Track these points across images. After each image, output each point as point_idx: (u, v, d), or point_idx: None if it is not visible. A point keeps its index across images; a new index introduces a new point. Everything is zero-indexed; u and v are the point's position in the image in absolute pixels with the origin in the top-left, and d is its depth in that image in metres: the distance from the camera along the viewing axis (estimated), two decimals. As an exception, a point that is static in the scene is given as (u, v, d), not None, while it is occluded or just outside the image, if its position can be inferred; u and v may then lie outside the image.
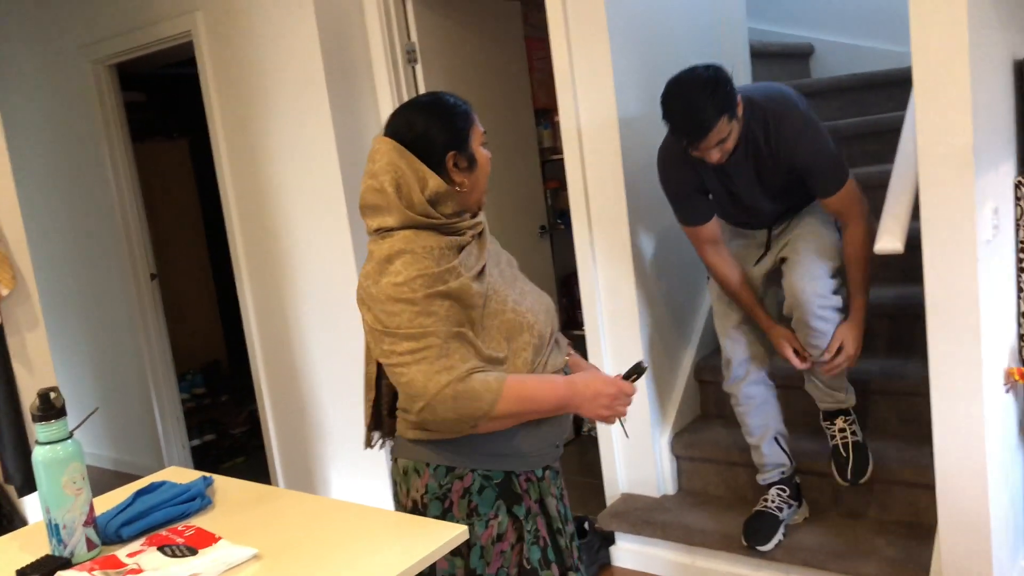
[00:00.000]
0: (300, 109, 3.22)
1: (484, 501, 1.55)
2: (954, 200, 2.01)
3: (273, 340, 3.61)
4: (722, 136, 2.20)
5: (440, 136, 1.52)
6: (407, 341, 1.43)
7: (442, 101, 1.56)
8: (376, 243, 1.51)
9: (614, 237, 2.84)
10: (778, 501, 2.58)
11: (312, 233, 3.33)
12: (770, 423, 2.60)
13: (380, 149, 1.52)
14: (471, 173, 1.55)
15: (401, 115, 1.56)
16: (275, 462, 3.78)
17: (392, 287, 1.44)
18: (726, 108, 2.18)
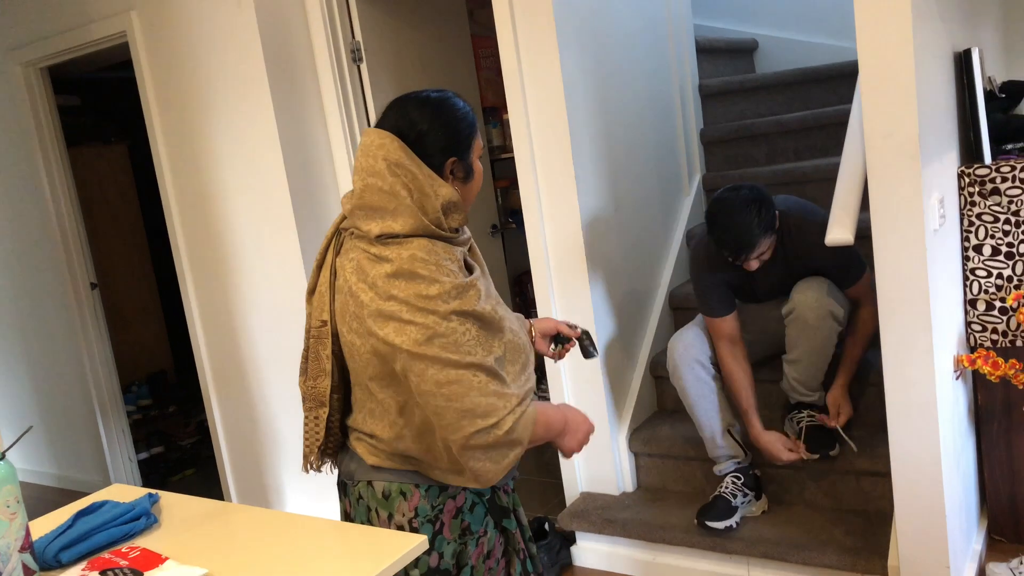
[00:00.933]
0: (243, 110, 3.14)
1: (475, 519, 1.51)
2: (902, 190, 2.03)
3: (221, 348, 3.52)
4: (763, 251, 2.44)
5: (443, 139, 1.42)
6: (462, 358, 1.33)
7: (452, 102, 1.47)
8: (379, 249, 1.38)
9: (567, 235, 2.82)
10: (732, 488, 2.60)
11: (258, 237, 3.25)
12: (722, 415, 2.63)
13: (381, 145, 1.38)
14: (465, 184, 1.48)
15: (403, 108, 1.44)
16: (226, 474, 3.68)
17: (427, 300, 1.33)
18: (769, 227, 2.42)
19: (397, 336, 1.33)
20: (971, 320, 2.44)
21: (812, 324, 2.50)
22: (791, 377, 2.61)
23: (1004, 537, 2.55)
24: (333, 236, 1.51)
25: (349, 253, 1.45)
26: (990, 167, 2.36)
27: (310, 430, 1.51)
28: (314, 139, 3.21)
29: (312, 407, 1.50)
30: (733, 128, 3.60)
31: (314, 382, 1.49)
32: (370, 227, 1.39)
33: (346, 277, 1.43)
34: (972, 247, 2.42)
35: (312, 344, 1.49)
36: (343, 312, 1.43)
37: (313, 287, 1.52)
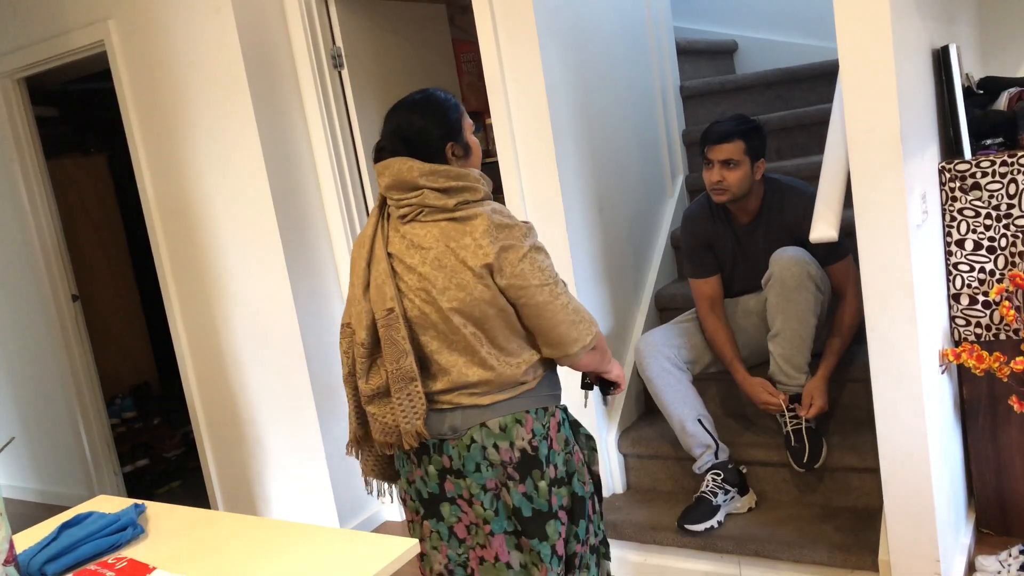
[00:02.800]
0: (223, 119, 3.12)
1: (569, 432, 1.79)
2: (884, 186, 2.04)
3: (205, 359, 3.49)
4: (732, 156, 2.56)
5: (438, 129, 1.70)
6: (560, 286, 1.70)
7: (434, 97, 1.74)
8: (463, 212, 1.66)
9: (553, 239, 2.82)
10: (712, 485, 2.60)
11: (241, 246, 3.22)
12: (690, 404, 2.64)
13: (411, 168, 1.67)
14: (466, 160, 1.74)
15: (399, 115, 1.74)
16: (213, 484, 3.65)
17: (523, 237, 1.68)
18: (747, 139, 2.56)
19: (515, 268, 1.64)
20: (955, 315, 2.46)
21: (790, 285, 2.50)
22: (777, 356, 2.58)
23: (992, 530, 2.56)
24: (376, 231, 1.72)
25: (416, 231, 1.67)
26: (970, 162, 2.38)
27: (407, 407, 1.65)
28: (296, 146, 3.20)
29: (402, 386, 1.65)
30: (715, 129, 3.60)
31: (396, 364, 1.64)
32: (445, 202, 1.65)
33: (427, 247, 1.64)
34: (954, 242, 2.43)
35: (383, 333, 1.65)
36: (430, 280, 1.64)
37: (367, 283, 1.70)
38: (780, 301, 2.53)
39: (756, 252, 2.71)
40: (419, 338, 1.69)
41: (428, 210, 1.67)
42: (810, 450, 2.52)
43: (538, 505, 1.70)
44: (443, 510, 1.76)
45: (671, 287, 3.30)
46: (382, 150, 1.74)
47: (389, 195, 1.72)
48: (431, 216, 1.68)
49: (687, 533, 2.54)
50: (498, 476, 1.70)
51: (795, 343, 2.54)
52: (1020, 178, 2.35)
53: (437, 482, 1.75)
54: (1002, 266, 2.40)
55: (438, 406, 1.71)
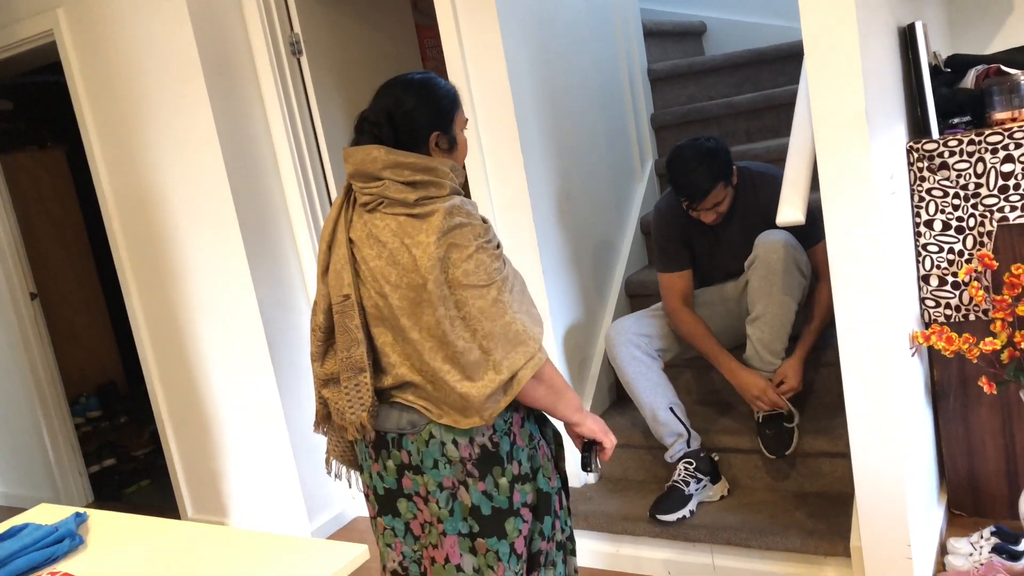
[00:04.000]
0: (178, 109, 3.03)
1: (533, 426, 1.72)
2: (851, 167, 2.00)
3: (168, 356, 3.41)
4: (718, 200, 2.52)
5: (426, 115, 1.62)
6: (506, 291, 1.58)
7: (433, 82, 1.66)
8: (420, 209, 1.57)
9: (519, 228, 2.76)
10: (684, 474, 2.56)
11: (201, 239, 3.14)
12: (661, 392, 2.60)
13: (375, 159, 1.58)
14: (450, 154, 1.66)
15: (393, 92, 1.65)
16: (180, 483, 3.58)
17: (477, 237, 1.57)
18: (722, 176, 2.50)
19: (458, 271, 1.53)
20: (924, 296, 2.43)
21: (776, 268, 2.47)
22: (755, 340, 2.53)
23: (964, 511, 2.55)
24: (339, 214, 1.65)
25: (376, 221, 1.59)
26: (938, 142, 2.34)
27: (354, 397, 1.61)
28: (254, 136, 3.12)
29: (351, 376, 1.61)
30: (684, 112, 3.56)
31: (347, 352, 1.60)
32: (406, 195, 1.56)
33: (384, 241, 1.57)
34: (923, 222, 2.40)
35: (338, 319, 1.61)
36: (384, 274, 1.56)
37: (326, 267, 1.65)
38: (764, 284, 2.49)
39: (733, 241, 2.67)
40: (373, 329, 1.63)
41: (388, 202, 1.61)
42: (782, 436, 2.49)
43: (498, 503, 1.65)
44: (400, 506, 1.72)
45: (641, 274, 3.26)
46: (361, 123, 1.66)
47: (353, 182, 1.66)
48: (391, 208, 1.61)
49: (659, 523, 2.51)
50: (456, 474, 1.64)
51: (775, 328, 2.50)
52: (988, 157, 2.32)
53: (395, 477, 1.70)
54: (971, 246, 2.38)
55: (395, 399, 1.66)
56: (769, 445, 2.49)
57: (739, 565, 2.48)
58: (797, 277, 2.47)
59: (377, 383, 1.64)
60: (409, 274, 1.55)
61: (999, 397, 2.43)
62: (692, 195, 2.50)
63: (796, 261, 2.46)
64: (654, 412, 2.58)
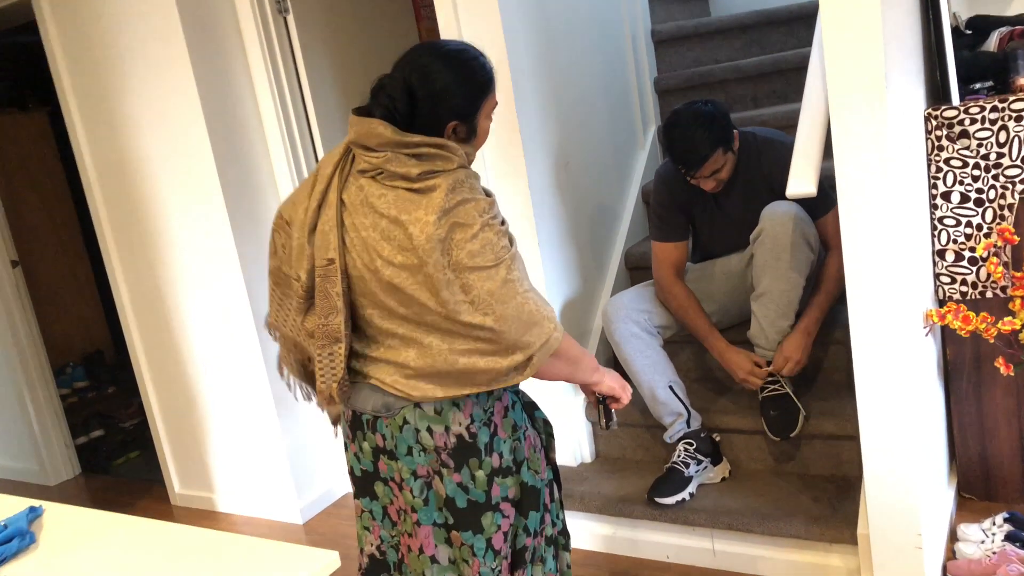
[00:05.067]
0: (158, 70, 2.89)
1: (518, 416, 1.60)
2: (867, 136, 1.87)
3: (152, 327, 3.30)
4: (716, 167, 2.38)
5: (454, 100, 1.47)
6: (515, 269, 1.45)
7: (471, 60, 1.49)
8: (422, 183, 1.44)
9: (514, 196, 2.64)
10: (684, 456, 2.47)
11: (184, 207, 3.02)
12: (660, 370, 2.49)
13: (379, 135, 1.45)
14: (467, 143, 1.52)
15: (420, 62, 1.48)
16: (166, 458, 3.49)
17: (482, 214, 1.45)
18: (721, 141, 2.35)
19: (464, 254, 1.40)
20: (939, 272, 2.31)
21: (783, 243, 2.33)
22: (760, 317, 2.41)
23: (974, 495, 2.46)
24: (334, 174, 1.51)
25: (373, 189, 1.47)
26: (958, 108, 2.21)
27: (326, 367, 1.52)
28: (238, 98, 2.97)
29: (325, 344, 1.51)
30: (688, 76, 3.42)
31: (325, 320, 1.50)
32: (408, 169, 1.43)
33: (380, 212, 1.44)
34: (940, 195, 2.28)
35: (319, 283, 1.50)
36: (376, 248, 1.44)
37: (313, 225, 1.51)
38: (770, 259, 2.36)
39: (736, 211, 2.55)
40: (359, 298, 1.52)
41: (389, 174, 1.46)
42: (786, 417, 2.38)
43: (474, 496, 1.54)
44: (377, 489, 1.62)
45: (642, 245, 3.14)
46: (378, 90, 1.50)
47: (353, 147, 1.52)
48: (391, 180, 1.46)
49: (657, 506, 2.42)
50: (431, 463, 1.53)
51: (781, 305, 2.38)
52: (1011, 125, 2.19)
53: (371, 459, 1.61)
54: (990, 220, 2.25)
55: (372, 380, 1.56)
56: (773, 426, 2.39)
57: (740, 551, 2.39)
58: (806, 252, 2.35)
59: (358, 353, 1.55)
60: (403, 252, 1.43)
61: (1015, 378, 2.33)
62: (689, 162, 2.37)
63: (804, 235, 2.34)
64: (652, 391, 2.48)
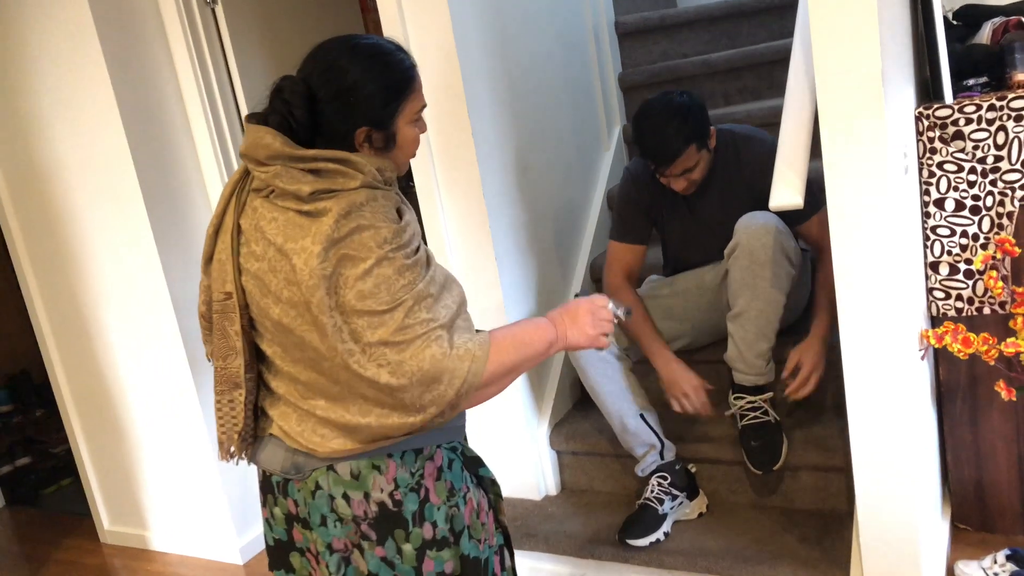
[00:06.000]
0: (70, 71, 2.59)
1: (456, 476, 1.37)
2: (862, 142, 1.66)
3: (73, 349, 3.00)
4: (689, 165, 2.17)
5: (362, 102, 1.25)
6: (420, 310, 1.20)
7: (383, 57, 1.27)
8: (313, 205, 1.22)
9: (467, 204, 2.39)
10: (657, 491, 2.26)
11: (103, 218, 2.72)
12: (628, 398, 2.27)
13: (267, 146, 1.23)
14: (384, 153, 1.30)
15: (324, 58, 1.27)
16: (94, 492, 3.19)
17: (379, 246, 1.21)
18: (695, 137, 2.15)
19: (352, 296, 1.18)
20: (932, 286, 2.11)
21: (760, 259, 2.11)
22: (737, 339, 2.17)
23: (969, 525, 2.27)
24: (232, 195, 1.32)
25: (264, 212, 1.26)
26: (952, 107, 2.00)
27: (225, 415, 1.34)
28: (162, 98, 2.68)
29: (225, 390, 1.33)
30: (655, 71, 3.19)
31: (223, 362, 1.32)
32: (299, 186, 1.21)
33: (269, 239, 1.24)
34: (933, 202, 2.08)
35: (217, 320, 1.32)
36: (264, 280, 1.25)
37: (210, 255, 1.34)
38: (746, 276, 2.13)
39: (711, 216, 2.33)
40: (259, 338, 1.33)
41: (279, 192, 1.25)
42: (768, 448, 2.18)
43: (402, 572, 1.32)
44: (294, 560, 1.40)
45: (608, 254, 2.91)
46: (275, 94, 1.27)
47: (244, 160, 1.30)
48: (282, 200, 1.25)
49: (629, 548, 2.19)
50: (349, 535, 1.30)
51: (760, 325, 2.15)
52: (1010, 125, 1.99)
53: (284, 527, 1.38)
54: (987, 229, 2.06)
55: (274, 431, 1.34)
56: (755, 458, 2.18)
57: (720, 595, 2.18)
58: (785, 267, 2.13)
59: (263, 399, 1.36)
60: (289, 287, 1.22)
61: (1014, 400, 2.14)
62: (659, 158, 2.16)
63: (784, 249, 2.12)
64: (622, 420, 2.26)
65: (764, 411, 2.19)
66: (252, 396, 1.34)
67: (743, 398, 2.21)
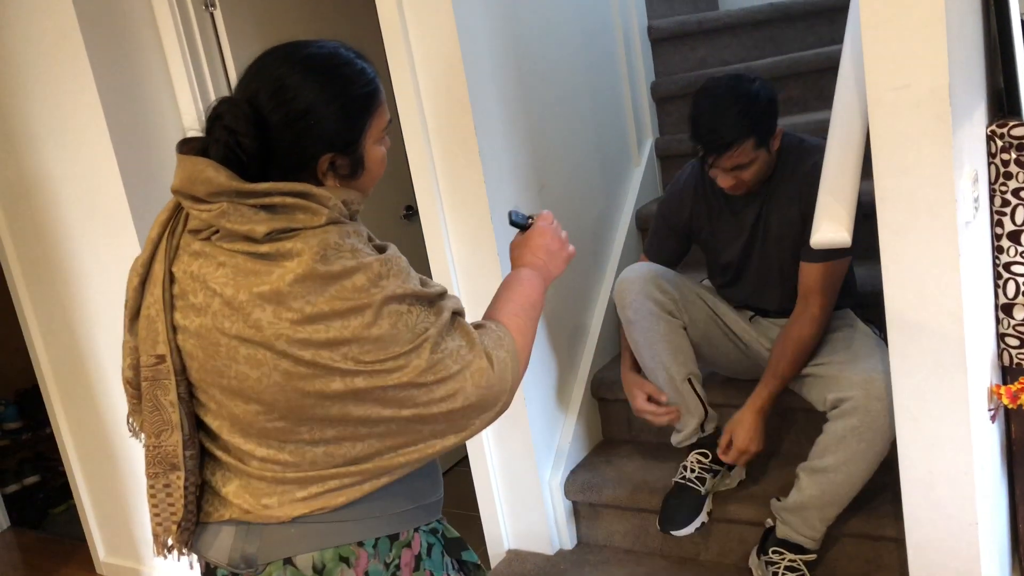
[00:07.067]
0: (57, 81, 2.43)
1: (436, 564, 1.19)
2: (923, 167, 1.40)
3: (67, 370, 2.86)
4: (742, 161, 1.89)
5: (322, 126, 1.07)
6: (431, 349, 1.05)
7: (341, 69, 1.09)
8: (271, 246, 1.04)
9: (473, 228, 2.16)
10: (699, 471, 2.03)
11: (91, 236, 2.56)
12: (680, 359, 2.06)
13: (206, 180, 1.03)
14: (353, 180, 1.12)
15: (271, 73, 1.07)
16: (90, 523, 3.04)
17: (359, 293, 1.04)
18: (756, 130, 1.87)
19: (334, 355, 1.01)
20: (1004, 332, 1.82)
21: (875, 423, 1.77)
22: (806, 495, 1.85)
23: (1043, 601, 1.97)
24: (161, 238, 1.12)
25: (206, 258, 1.07)
26: (1030, 125, 1.72)
27: (161, 502, 1.14)
28: (155, 108, 2.51)
29: (159, 472, 1.13)
30: (692, 79, 2.93)
31: (157, 439, 1.12)
32: (252, 226, 1.02)
33: (213, 290, 1.05)
34: (1007, 234, 1.78)
35: (147, 388, 1.11)
36: (210, 339, 1.05)
37: (136, 310, 1.14)
38: (851, 436, 1.79)
39: (756, 227, 2.03)
40: (200, 408, 1.13)
41: (225, 233, 1.05)
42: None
43: None
44: None
45: (635, 280, 2.65)
46: (213, 120, 1.06)
47: (178, 197, 1.09)
48: (229, 242, 1.05)
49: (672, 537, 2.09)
50: None
51: (842, 492, 1.84)
52: (1101, 146, 1.70)
53: None
54: (1071, 267, 1.76)
55: (223, 514, 1.13)
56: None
57: None
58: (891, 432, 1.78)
59: (206, 478, 1.15)
60: (246, 346, 1.02)
61: (1101, 467, 1.84)
62: (711, 144, 1.88)
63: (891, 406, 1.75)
64: (668, 384, 2.06)
65: (803, 574, 1.90)
66: (193, 477, 1.13)
67: (783, 554, 1.91)
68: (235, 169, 1.04)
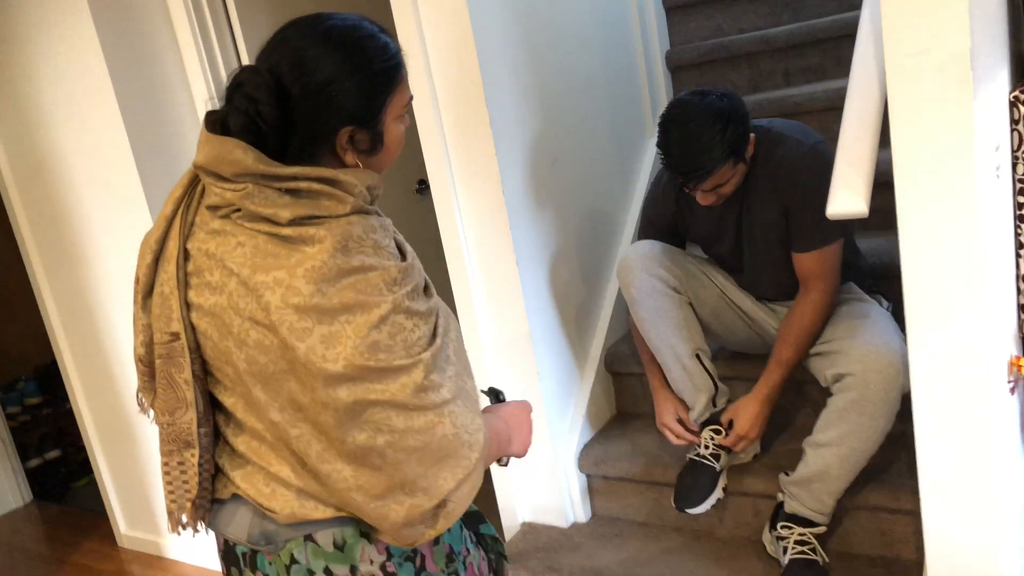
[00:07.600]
0: (68, 59, 2.43)
1: (455, 538, 1.19)
2: (942, 136, 1.36)
3: (85, 347, 2.88)
4: (722, 181, 1.86)
5: (343, 99, 1.04)
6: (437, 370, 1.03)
7: (364, 42, 1.06)
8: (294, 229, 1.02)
9: (486, 204, 2.15)
10: (712, 446, 2.02)
11: (105, 214, 2.57)
12: (684, 335, 2.04)
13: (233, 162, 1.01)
14: (371, 157, 1.10)
15: (293, 44, 1.05)
16: (110, 496, 3.09)
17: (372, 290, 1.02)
18: (734, 151, 1.83)
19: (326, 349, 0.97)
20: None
21: (876, 396, 1.76)
22: (812, 469, 1.85)
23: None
24: (176, 214, 1.10)
25: (225, 236, 1.05)
26: (1055, 90, 1.67)
27: (175, 479, 1.14)
28: (166, 88, 2.50)
29: (173, 450, 1.13)
30: (707, 48, 2.88)
31: (171, 417, 1.11)
32: (277, 210, 1.01)
33: (230, 269, 1.03)
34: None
35: (161, 366, 1.10)
36: (223, 319, 1.04)
37: (149, 287, 1.12)
38: (851, 409, 1.79)
39: (739, 221, 2.01)
40: (215, 386, 1.12)
41: (248, 214, 1.04)
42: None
43: None
44: None
45: (650, 253, 2.63)
46: (233, 91, 1.05)
47: (200, 173, 1.08)
48: (251, 221, 1.04)
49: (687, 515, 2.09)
50: None
51: (849, 465, 1.83)
52: None
53: None
54: (1095, 236, 1.73)
55: (239, 493, 1.13)
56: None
57: (766, 650, 1.91)
58: (898, 405, 1.78)
59: (221, 458, 1.15)
60: (257, 328, 1.01)
61: (1124, 440, 1.81)
62: (688, 172, 1.83)
63: (904, 385, 1.74)
64: (675, 361, 2.04)
65: (813, 548, 1.88)
66: (208, 454, 1.13)
67: (792, 528, 1.90)
68: (254, 139, 1.03)
